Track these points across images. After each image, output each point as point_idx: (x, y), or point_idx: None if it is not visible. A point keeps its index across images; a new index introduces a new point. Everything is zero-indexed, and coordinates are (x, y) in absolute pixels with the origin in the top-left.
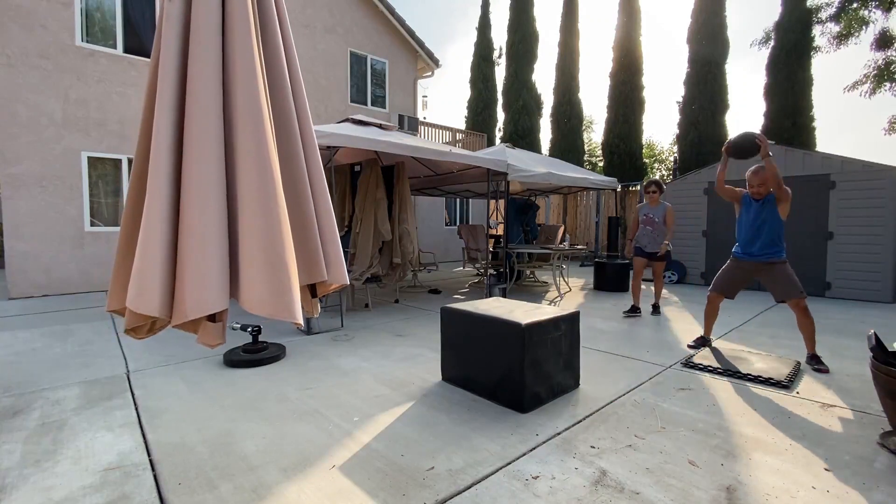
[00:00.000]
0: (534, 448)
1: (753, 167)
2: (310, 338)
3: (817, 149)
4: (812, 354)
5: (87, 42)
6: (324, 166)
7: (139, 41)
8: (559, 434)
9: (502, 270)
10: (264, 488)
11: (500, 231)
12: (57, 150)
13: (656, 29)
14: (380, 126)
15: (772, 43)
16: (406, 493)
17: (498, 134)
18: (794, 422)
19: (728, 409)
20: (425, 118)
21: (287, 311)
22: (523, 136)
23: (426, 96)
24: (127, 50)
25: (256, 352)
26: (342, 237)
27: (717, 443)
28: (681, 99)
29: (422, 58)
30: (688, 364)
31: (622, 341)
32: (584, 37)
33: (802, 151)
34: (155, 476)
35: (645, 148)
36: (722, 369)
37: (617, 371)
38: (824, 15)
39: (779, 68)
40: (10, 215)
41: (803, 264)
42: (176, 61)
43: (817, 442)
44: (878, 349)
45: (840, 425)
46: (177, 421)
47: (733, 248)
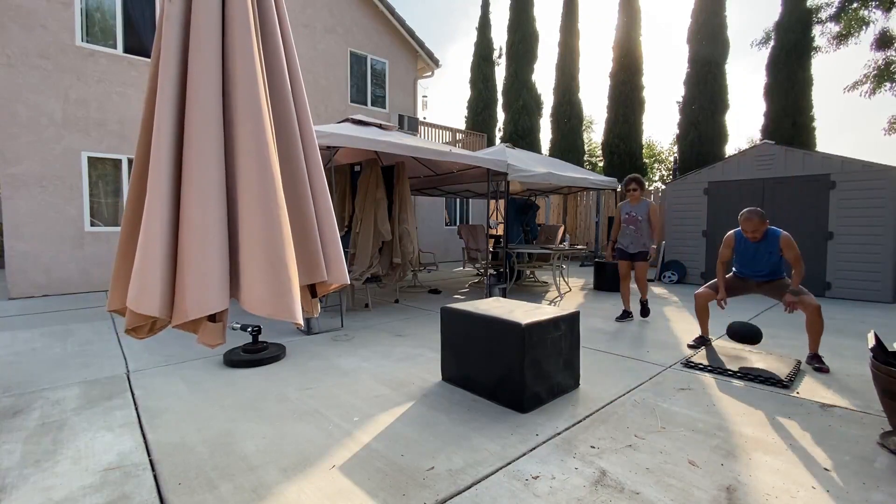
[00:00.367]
0: (534, 448)
1: (745, 213)
2: (310, 338)
3: (817, 149)
4: (813, 354)
5: (88, 42)
6: (324, 166)
7: (139, 41)
8: (559, 434)
9: (502, 270)
10: (264, 488)
11: (500, 231)
12: (57, 150)
13: (656, 29)
14: (380, 126)
15: (772, 43)
16: (406, 493)
17: (498, 134)
18: (794, 422)
19: (728, 409)
20: (425, 118)
21: (287, 312)
22: (523, 136)
23: (426, 96)
24: (127, 50)
25: (256, 352)
26: (342, 237)
27: (717, 443)
28: (681, 99)
29: (422, 58)
30: (688, 364)
31: (622, 341)
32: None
33: (802, 151)
34: (155, 476)
35: (645, 148)
36: (722, 369)
37: (617, 371)
38: (824, 15)
39: (779, 68)
40: (10, 215)
41: (803, 264)
42: (176, 61)
43: (817, 442)
44: (878, 349)
45: (840, 425)
46: (177, 421)
47: (733, 268)
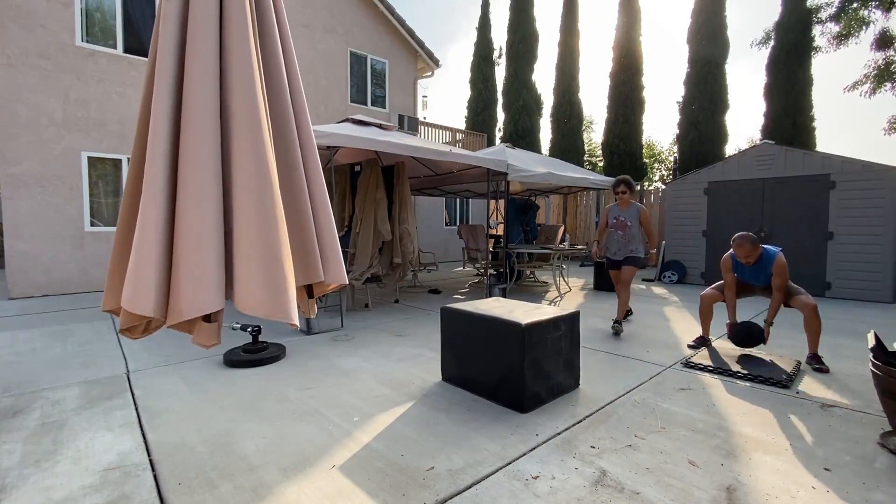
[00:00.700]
0: (534, 448)
1: (737, 239)
2: (310, 338)
3: (817, 149)
4: (813, 354)
5: (87, 42)
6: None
7: (139, 41)
8: (559, 434)
9: (502, 270)
10: (264, 488)
11: (500, 231)
12: (57, 150)
13: (656, 29)
14: (380, 126)
15: (772, 43)
16: (406, 493)
17: (498, 134)
18: (794, 422)
19: (728, 409)
20: (425, 118)
21: (282, 312)
22: (523, 136)
23: (426, 96)
24: (127, 50)
25: (256, 352)
26: (342, 237)
27: (717, 443)
28: (681, 99)
29: (422, 58)
30: (688, 364)
31: (622, 341)
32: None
33: (802, 151)
34: (155, 476)
35: (645, 148)
36: (722, 369)
37: (617, 371)
38: (824, 15)
39: (779, 68)
40: (10, 215)
41: (803, 264)
42: (173, 61)
43: (817, 442)
44: (878, 349)
45: (840, 425)
46: (177, 421)
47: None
